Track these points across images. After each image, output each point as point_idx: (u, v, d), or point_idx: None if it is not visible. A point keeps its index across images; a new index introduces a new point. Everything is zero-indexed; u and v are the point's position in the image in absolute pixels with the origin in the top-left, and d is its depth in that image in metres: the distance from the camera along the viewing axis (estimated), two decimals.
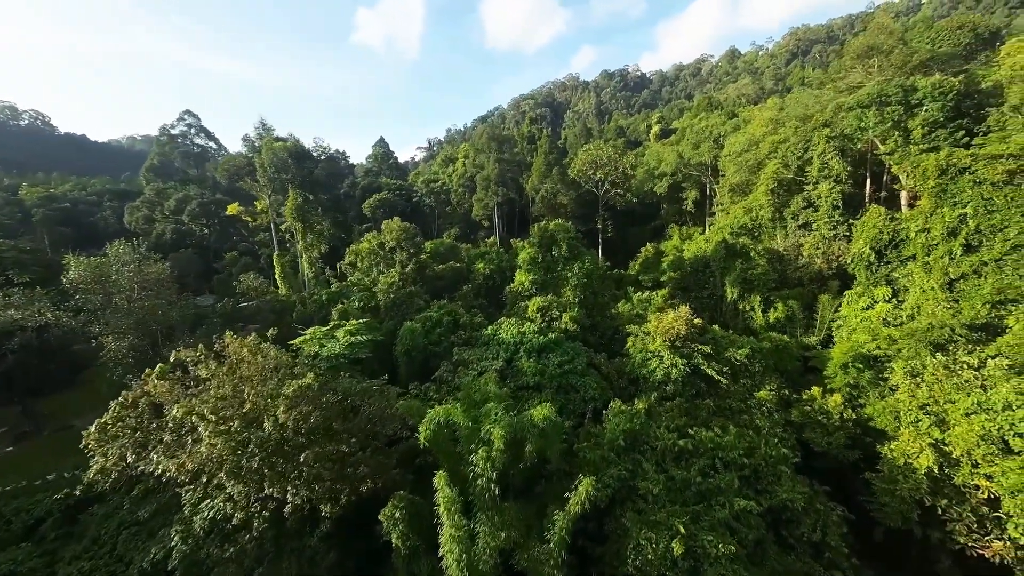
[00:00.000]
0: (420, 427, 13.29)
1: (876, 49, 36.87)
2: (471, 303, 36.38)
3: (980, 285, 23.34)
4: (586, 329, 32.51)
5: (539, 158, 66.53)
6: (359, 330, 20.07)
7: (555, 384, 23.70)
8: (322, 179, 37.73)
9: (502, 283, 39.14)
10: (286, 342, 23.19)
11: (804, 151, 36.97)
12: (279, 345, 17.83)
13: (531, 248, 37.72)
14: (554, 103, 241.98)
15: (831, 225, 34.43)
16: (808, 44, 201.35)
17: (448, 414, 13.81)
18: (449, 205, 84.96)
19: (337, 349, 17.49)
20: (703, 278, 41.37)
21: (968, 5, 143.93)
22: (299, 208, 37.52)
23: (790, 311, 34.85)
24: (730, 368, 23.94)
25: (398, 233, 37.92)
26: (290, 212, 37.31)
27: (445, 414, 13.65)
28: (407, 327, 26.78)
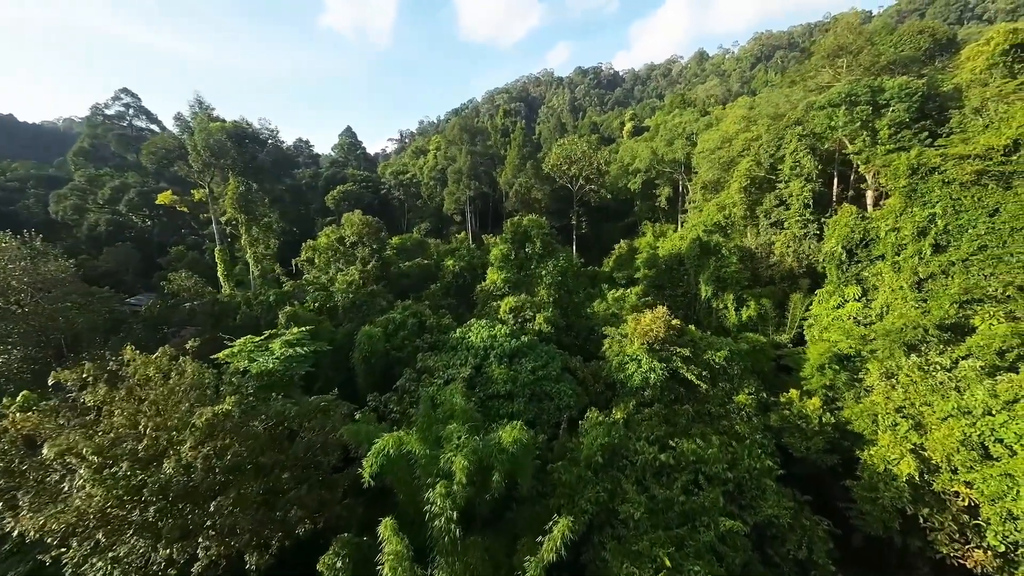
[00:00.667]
0: (365, 461, 11.05)
1: (845, 49, 37.12)
2: (439, 303, 34.00)
3: (948, 285, 23.32)
4: (561, 330, 30.92)
5: (513, 151, 64.39)
6: (300, 340, 17.30)
7: (528, 392, 21.90)
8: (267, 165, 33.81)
9: (473, 281, 36.94)
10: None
11: (777, 149, 36.76)
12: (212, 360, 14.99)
13: (503, 245, 35.68)
14: (528, 98, 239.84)
15: (802, 224, 34.36)
16: (771, 49, 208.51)
17: (401, 443, 11.63)
18: (420, 199, 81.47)
19: (270, 364, 14.85)
20: (677, 276, 40.77)
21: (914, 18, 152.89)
22: (241, 197, 33.53)
23: (763, 309, 34.64)
24: (709, 371, 22.94)
25: (360, 227, 34.88)
26: (230, 202, 33.21)
27: (396, 443, 11.47)
28: (365, 332, 24.17)
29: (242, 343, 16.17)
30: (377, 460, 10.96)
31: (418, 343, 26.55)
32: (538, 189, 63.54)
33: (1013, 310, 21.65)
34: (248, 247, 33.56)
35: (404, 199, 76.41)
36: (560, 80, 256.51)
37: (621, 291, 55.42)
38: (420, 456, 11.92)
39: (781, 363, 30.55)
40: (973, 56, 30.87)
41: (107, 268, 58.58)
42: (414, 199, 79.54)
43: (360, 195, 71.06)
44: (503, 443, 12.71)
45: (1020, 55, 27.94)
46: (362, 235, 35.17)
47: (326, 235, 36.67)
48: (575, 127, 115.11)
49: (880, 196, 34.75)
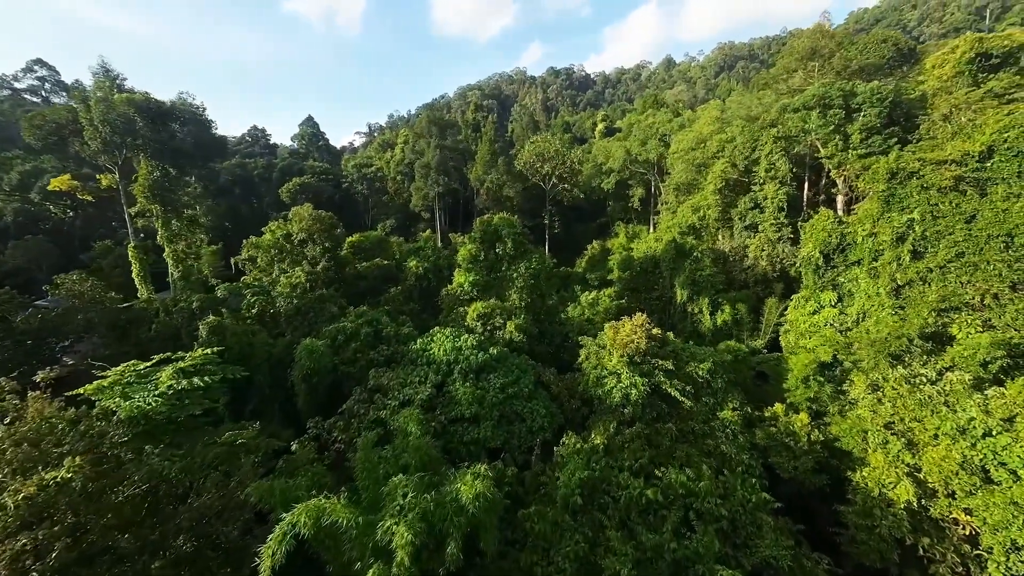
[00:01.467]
0: (267, 546, 7.96)
1: (817, 52, 36.88)
2: (400, 308, 30.61)
3: (925, 292, 22.64)
4: (533, 338, 28.42)
5: (484, 146, 61.35)
6: (202, 365, 13.42)
7: (496, 414, 19.19)
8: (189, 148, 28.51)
9: (439, 284, 33.76)
10: None
11: (752, 151, 35.91)
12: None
13: (472, 244, 32.73)
14: (501, 95, 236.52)
15: (776, 227, 33.62)
16: (733, 59, 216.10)
17: (322, 512, 8.59)
18: (386, 194, 76.74)
19: (150, 403, 11.13)
20: (652, 279, 39.35)
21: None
22: (155, 185, 28.40)
23: (738, 314, 33.66)
24: (692, 385, 21.10)
25: (309, 222, 30.86)
26: (141, 190, 27.93)
27: (314, 516, 8.43)
28: (305, 346, 20.57)
29: (118, 372, 12.33)
30: (281, 547, 7.88)
31: (373, 356, 23.20)
32: (510, 187, 60.89)
33: (989, 318, 21.16)
34: (166, 244, 28.51)
35: (368, 194, 71.52)
36: (533, 79, 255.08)
37: (594, 293, 54.01)
38: (350, 527, 8.92)
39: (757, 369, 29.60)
40: (938, 64, 31.01)
41: (14, 265, 50.64)
42: (379, 194, 74.77)
43: (319, 188, 65.66)
44: (462, 500, 9.92)
45: (984, 64, 28.10)
46: (312, 232, 31.15)
47: (271, 231, 32.31)
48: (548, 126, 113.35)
49: (851, 200, 34.58)
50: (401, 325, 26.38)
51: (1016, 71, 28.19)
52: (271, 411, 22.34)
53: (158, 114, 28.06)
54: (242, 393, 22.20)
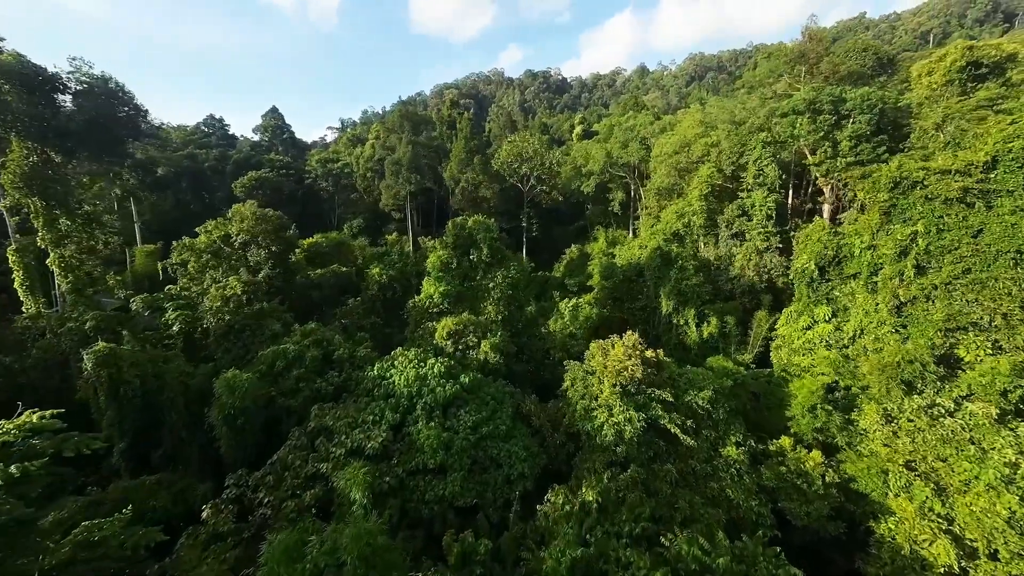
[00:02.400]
0: None
1: (805, 56, 35.55)
2: (360, 323, 26.50)
3: (929, 310, 20.90)
4: (511, 357, 25.08)
5: (459, 143, 57.49)
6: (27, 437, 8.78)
7: (468, 460, 15.70)
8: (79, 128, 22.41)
9: (406, 294, 29.85)
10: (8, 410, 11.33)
11: (739, 156, 34.02)
12: None
13: (443, 251, 29.05)
14: (478, 95, 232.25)
15: (764, 236, 31.79)
16: (704, 70, 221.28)
17: None
18: (355, 192, 71.29)
19: None
20: (636, 288, 36.93)
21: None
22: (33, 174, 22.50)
23: (725, 327, 31.61)
24: (692, 417, 18.38)
25: (253, 222, 26.23)
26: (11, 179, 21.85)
27: None
28: (225, 380, 16.29)
29: None
30: None
31: (320, 385, 19.15)
32: (487, 187, 57.30)
33: (998, 340, 19.58)
34: (51, 247, 22.88)
35: (334, 192, 65.93)
36: (510, 81, 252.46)
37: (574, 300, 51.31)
38: None
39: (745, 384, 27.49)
40: (925, 72, 30.02)
41: None
42: (347, 192, 69.29)
43: (279, 184, 59.69)
44: None
45: (973, 73, 27.14)
46: (256, 233, 26.51)
47: (206, 231, 27.35)
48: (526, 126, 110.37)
49: (837, 209, 33.23)
50: (357, 344, 22.34)
51: (1002, 82, 27.41)
52: (188, 456, 17.88)
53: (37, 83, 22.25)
54: (151, 434, 17.62)
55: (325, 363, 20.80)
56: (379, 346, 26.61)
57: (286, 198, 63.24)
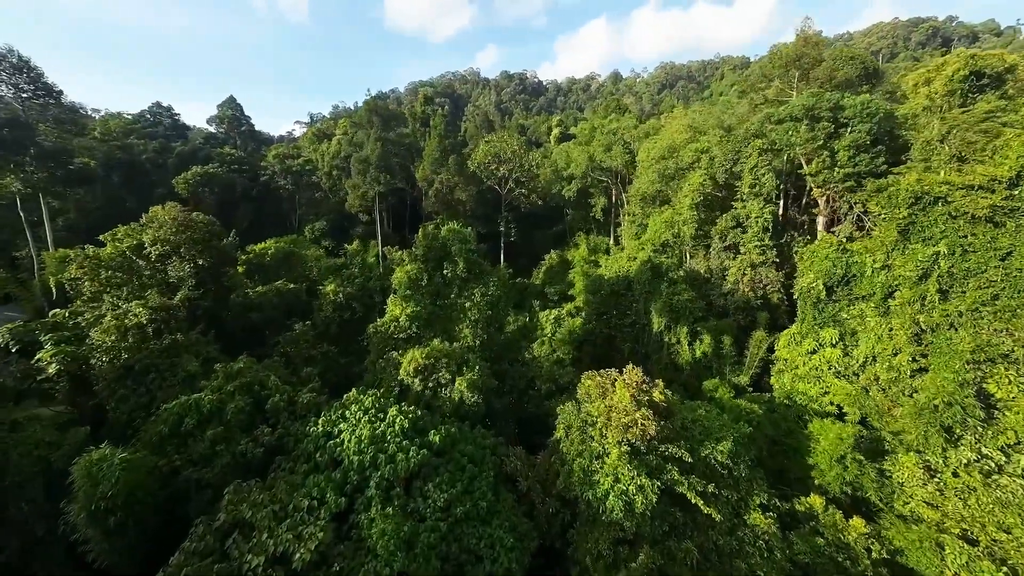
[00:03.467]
0: None
1: (801, 60, 33.59)
2: (308, 353, 21.68)
3: (954, 340, 18.62)
4: (491, 392, 21.09)
5: (432, 141, 52.81)
6: None
7: (437, 561, 11.62)
8: None
9: (368, 314, 25.23)
10: None
11: (733, 163, 31.50)
12: None
13: (412, 265, 24.63)
14: (454, 95, 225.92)
15: (760, 249, 29.36)
16: (674, 79, 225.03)
17: None
18: (319, 191, 64.93)
19: None
20: (625, 302, 33.81)
21: None
22: None
23: (721, 347, 28.97)
24: (711, 476, 15.09)
25: (174, 229, 20.89)
26: None
27: None
28: (83, 467, 11.40)
29: None
30: None
31: (245, 447, 14.48)
32: (462, 189, 52.93)
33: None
34: None
35: (294, 191, 59.41)
36: (486, 81, 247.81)
37: (556, 312, 47.95)
38: None
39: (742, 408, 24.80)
40: (921, 82, 28.44)
41: None
42: (310, 191, 62.88)
43: (229, 180, 52.80)
44: None
45: (975, 83, 25.62)
46: (179, 243, 21.16)
47: (114, 240, 21.69)
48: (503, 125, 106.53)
49: (832, 222, 31.31)
50: (303, 385, 17.68)
51: (1000, 94, 26.08)
52: (52, 557, 12.77)
53: None
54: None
55: (256, 414, 16.07)
56: (333, 381, 21.94)
57: (239, 197, 56.39)
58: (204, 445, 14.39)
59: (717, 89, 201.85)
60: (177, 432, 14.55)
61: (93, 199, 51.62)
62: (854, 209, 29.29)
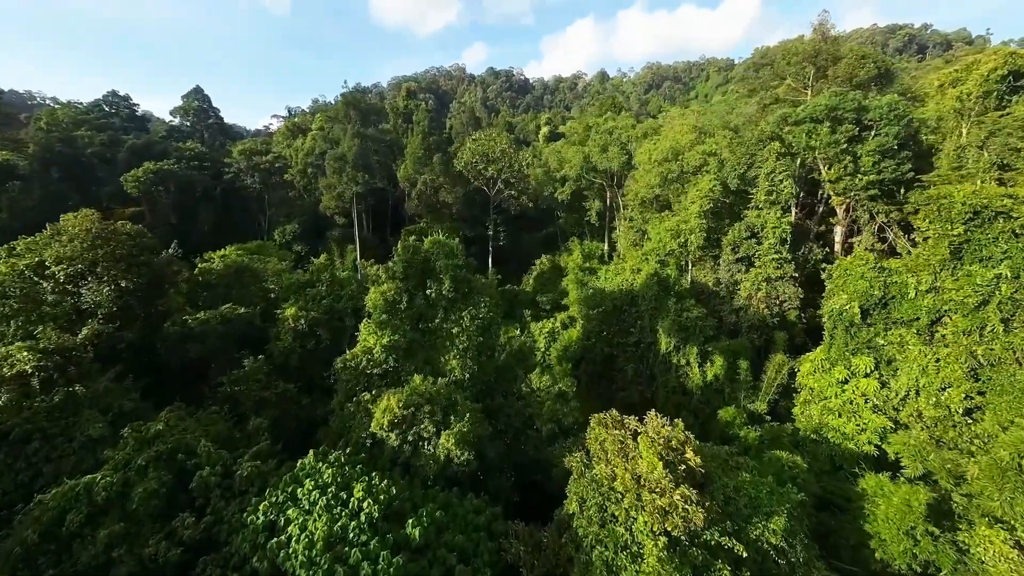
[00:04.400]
0: None
1: (820, 56, 31.00)
2: (260, 395, 17.63)
3: (1018, 377, 16.03)
4: (483, 441, 17.53)
5: (415, 138, 48.65)
6: None
7: None
8: None
9: (336, 343, 21.27)
10: None
11: (747, 168, 28.68)
12: None
13: (389, 284, 20.80)
14: (439, 91, 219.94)
15: (777, 263, 26.67)
16: (661, 79, 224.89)
17: None
18: (293, 190, 59.77)
19: None
20: (629, 319, 30.70)
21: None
22: None
23: (737, 373, 26.21)
24: (764, 568, 11.96)
25: (87, 243, 16.52)
26: None
27: None
28: None
29: None
30: None
31: (156, 549, 10.56)
32: (448, 190, 48.98)
33: None
34: None
35: (264, 190, 54.17)
36: (472, 77, 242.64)
37: (549, 324, 44.67)
38: None
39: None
40: (948, 82, 26.18)
41: None
42: (281, 190, 57.71)
43: (187, 179, 47.39)
44: None
45: (1013, 84, 23.37)
46: (96, 260, 16.79)
47: (11, 256, 17.15)
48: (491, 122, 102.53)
49: (851, 232, 28.91)
50: (243, 449, 13.75)
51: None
52: None
53: None
54: None
55: (178, 494, 12.10)
56: (291, 427, 17.97)
57: (200, 197, 50.92)
58: (95, 550, 10.40)
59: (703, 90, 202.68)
60: (55, 535, 10.51)
61: (27, 197, 45.49)
62: (876, 219, 26.85)
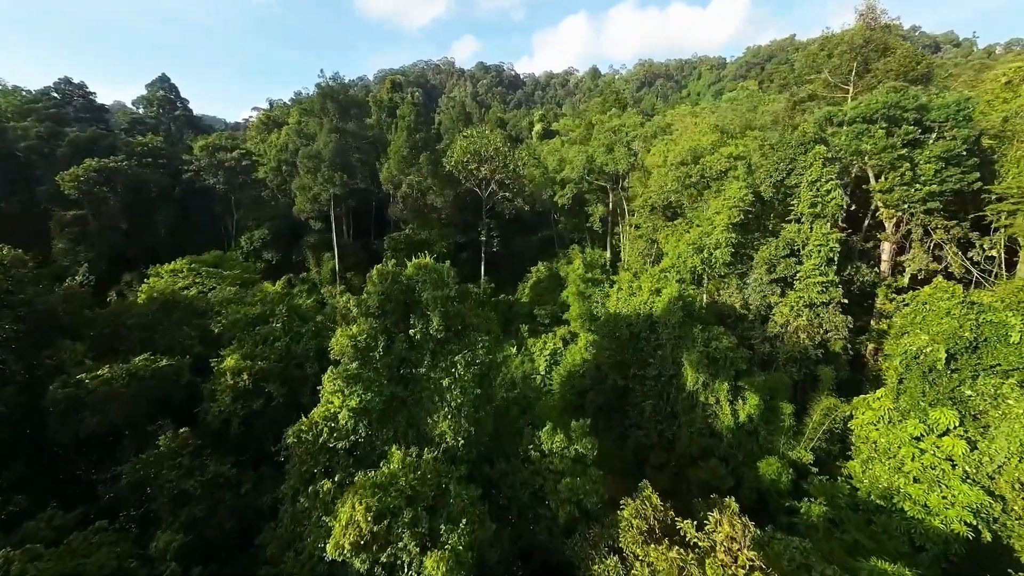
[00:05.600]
0: None
1: (870, 46, 27.02)
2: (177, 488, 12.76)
3: None
4: (484, 547, 13.05)
5: (400, 135, 43.53)
6: None
7: None
8: None
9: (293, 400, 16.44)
10: None
11: (786, 174, 24.65)
12: None
13: (361, 323, 16.07)
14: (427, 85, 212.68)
15: (823, 286, 22.75)
16: (653, 77, 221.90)
17: None
18: (267, 189, 53.86)
19: None
20: (647, 348, 26.49)
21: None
22: None
23: (782, 419, 22.32)
24: None
25: None
26: None
27: None
28: None
29: None
30: None
31: None
32: (437, 193, 44.04)
33: None
34: None
35: (229, 191, 48.21)
36: (462, 72, 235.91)
37: (550, 342, 40.43)
38: None
39: None
40: (1017, 79, 22.52)
41: None
42: (252, 191, 51.81)
43: (139, 178, 41.34)
44: None
45: None
46: None
47: None
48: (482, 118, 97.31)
49: (900, 250, 25.19)
50: None
51: None
52: None
53: None
54: None
55: None
56: (225, 525, 13.20)
57: (156, 198, 44.85)
58: None
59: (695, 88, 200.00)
60: None
61: None
62: (932, 236, 23.10)
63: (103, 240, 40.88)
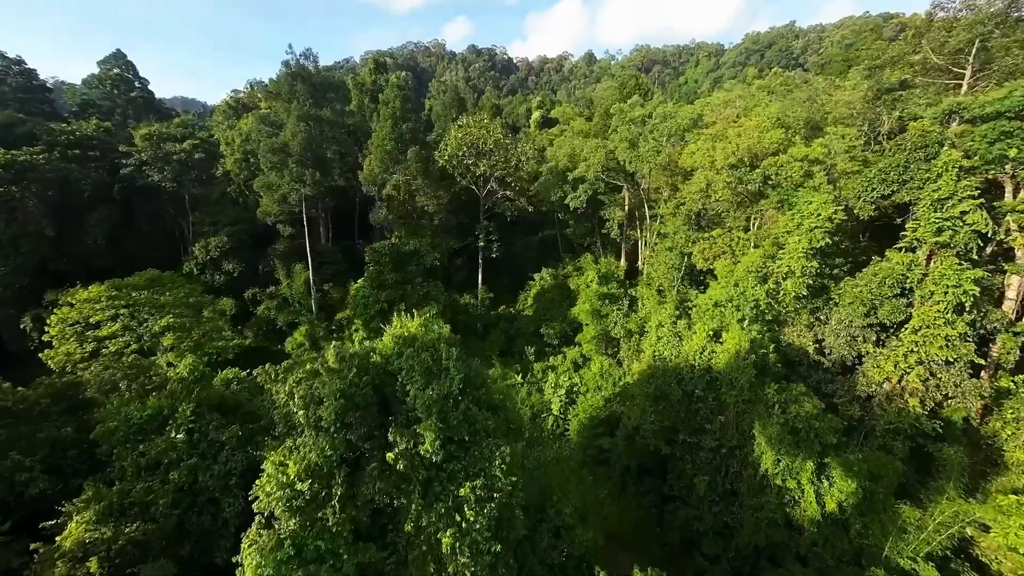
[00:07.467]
0: None
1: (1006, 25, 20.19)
2: None
3: None
4: None
5: (384, 124, 35.87)
6: None
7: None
8: None
9: (193, 567, 9.93)
10: None
11: (899, 186, 18.23)
12: None
13: (305, 447, 9.52)
14: (417, 68, 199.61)
15: (948, 340, 16.69)
16: (650, 63, 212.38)
17: None
18: (232, 185, 45.60)
19: None
20: (703, 411, 20.26)
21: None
22: None
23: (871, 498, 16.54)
24: None
25: None
26: None
27: None
28: None
29: None
30: None
31: None
32: (428, 195, 36.69)
33: None
34: None
35: (180, 189, 39.89)
36: (453, 55, 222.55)
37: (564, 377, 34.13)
38: None
39: None
40: None
41: None
42: (211, 188, 43.58)
43: (62, 173, 33.09)
44: None
45: None
46: None
47: None
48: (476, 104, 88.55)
49: None
50: None
51: None
52: None
53: None
54: None
55: None
56: None
57: (89, 200, 36.56)
58: None
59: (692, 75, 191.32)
60: None
61: None
62: None
63: (21, 250, 32.93)
